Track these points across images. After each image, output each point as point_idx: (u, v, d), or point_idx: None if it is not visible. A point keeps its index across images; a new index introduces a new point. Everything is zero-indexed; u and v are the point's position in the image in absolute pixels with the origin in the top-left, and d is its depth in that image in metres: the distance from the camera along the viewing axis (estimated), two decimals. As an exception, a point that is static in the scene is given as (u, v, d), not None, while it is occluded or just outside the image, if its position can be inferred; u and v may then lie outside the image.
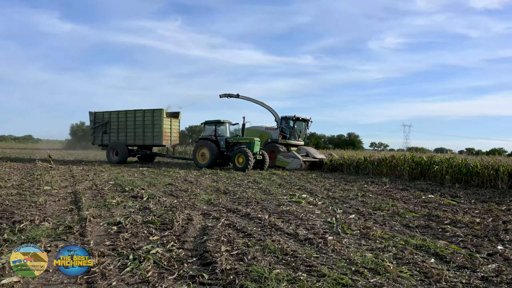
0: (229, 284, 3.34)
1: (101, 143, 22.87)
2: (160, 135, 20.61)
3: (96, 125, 22.70)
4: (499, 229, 5.89)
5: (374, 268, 3.88)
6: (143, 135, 21.13)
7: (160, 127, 20.66)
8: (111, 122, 22.20)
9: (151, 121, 20.95)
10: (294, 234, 5.24)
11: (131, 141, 21.62)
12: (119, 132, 21.86)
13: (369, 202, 8.57)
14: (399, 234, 5.46)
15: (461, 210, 7.86)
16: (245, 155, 16.61)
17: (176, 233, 5.13)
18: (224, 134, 18.90)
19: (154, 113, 20.89)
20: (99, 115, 22.71)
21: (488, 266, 4.07)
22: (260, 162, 17.81)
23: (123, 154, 21.19)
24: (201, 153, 18.59)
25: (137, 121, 21.38)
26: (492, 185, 13.10)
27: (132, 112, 21.54)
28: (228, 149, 18.32)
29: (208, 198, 8.43)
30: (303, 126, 21.16)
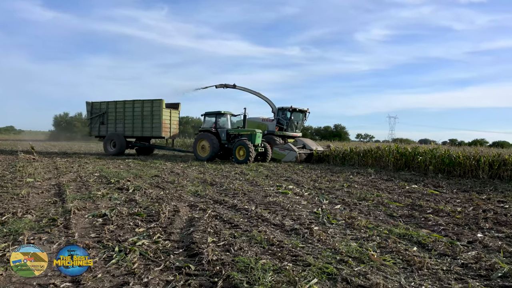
0: (216, 274, 3.36)
1: (98, 134, 22.24)
2: (160, 126, 20.05)
3: (93, 115, 22.00)
4: (479, 218, 6.06)
5: (358, 257, 3.95)
6: (142, 126, 20.58)
7: (159, 118, 20.09)
8: (109, 113, 21.57)
9: (150, 112, 20.34)
10: (280, 225, 5.29)
11: (129, 132, 20.99)
12: (117, 123, 21.29)
13: (354, 192, 8.69)
14: (383, 224, 5.56)
15: (443, 199, 8.05)
16: (245, 147, 16.12)
17: (163, 225, 5.11)
18: (225, 126, 18.36)
19: (154, 103, 20.28)
20: (96, 105, 22.00)
21: (468, 253, 4.19)
22: (262, 155, 17.38)
23: (121, 145, 20.66)
24: (201, 145, 18.10)
25: (135, 112, 20.78)
26: (474, 175, 13.44)
27: (131, 102, 20.94)
28: (229, 141, 17.76)
29: (195, 190, 8.41)
30: (301, 117, 20.63)
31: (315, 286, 3.13)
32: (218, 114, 18.36)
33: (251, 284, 3.15)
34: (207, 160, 17.18)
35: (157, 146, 22.80)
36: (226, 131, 17.91)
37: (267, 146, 17.45)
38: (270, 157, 17.36)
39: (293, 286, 3.08)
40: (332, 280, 3.34)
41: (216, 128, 18.10)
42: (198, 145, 18.19)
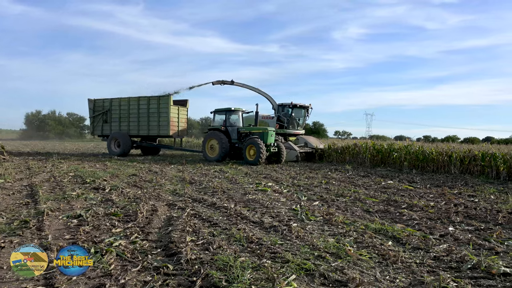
0: (194, 273, 3.34)
1: (101, 133, 20.93)
2: (167, 124, 18.67)
3: (96, 113, 20.59)
4: (450, 212, 6.29)
5: (336, 253, 4.03)
6: (148, 124, 19.23)
7: (166, 116, 18.70)
8: (112, 111, 20.20)
9: (156, 110, 18.96)
10: (259, 222, 5.31)
11: (135, 131, 19.67)
12: (121, 122, 19.96)
13: (332, 189, 8.83)
14: (360, 219, 5.68)
15: (417, 194, 8.30)
16: (256, 146, 14.75)
17: (140, 225, 5.03)
18: (236, 124, 17.01)
19: (160, 100, 18.92)
20: (98, 102, 20.67)
21: (440, 246, 4.34)
22: (276, 155, 15.93)
23: (126, 145, 19.34)
24: (210, 145, 16.88)
25: (141, 109, 19.41)
26: (446, 170, 13.91)
27: (136, 99, 19.58)
28: (240, 141, 16.33)
29: (173, 189, 8.32)
30: (302, 114, 19.45)
31: (293, 283, 3.16)
32: (228, 111, 17.00)
33: (230, 282, 3.16)
34: (216, 161, 16.05)
35: (164, 146, 21.62)
36: (236, 129, 16.63)
37: (281, 146, 15.92)
38: (284, 157, 15.93)
39: (272, 283, 3.11)
40: (310, 276, 3.39)
41: (226, 126, 16.79)
42: (207, 144, 17.02)
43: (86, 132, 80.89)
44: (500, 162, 12.39)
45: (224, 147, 16.09)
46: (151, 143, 20.88)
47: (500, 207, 6.83)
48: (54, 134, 64.24)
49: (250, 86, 20.18)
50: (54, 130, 65.32)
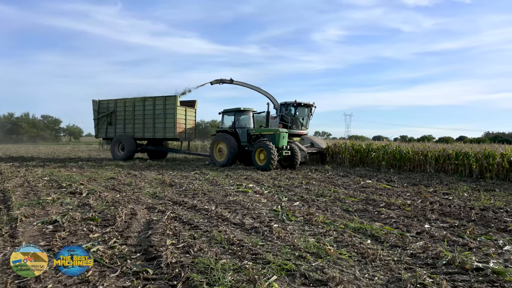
0: (175, 277, 3.31)
1: (105, 136, 19.91)
2: (173, 127, 17.58)
3: (100, 115, 19.62)
4: (426, 210, 6.47)
5: (316, 252, 4.07)
6: (154, 126, 18.20)
7: (173, 118, 17.59)
8: (117, 112, 19.23)
9: (162, 111, 17.90)
10: (240, 224, 5.31)
11: (140, 133, 18.67)
12: (126, 124, 18.96)
13: (312, 189, 8.92)
14: (339, 219, 5.77)
15: (394, 193, 8.49)
16: (266, 150, 13.44)
17: (119, 229, 4.94)
18: (246, 125, 15.65)
19: (166, 100, 17.86)
20: (103, 103, 19.69)
21: (416, 243, 4.46)
22: (289, 159, 14.61)
23: (130, 149, 18.33)
24: (219, 148, 15.58)
25: (146, 111, 18.38)
26: (422, 169, 14.30)
27: (141, 99, 18.56)
28: (250, 143, 15.07)
29: (153, 191, 8.20)
30: (306, 113, 18.27)
31: (275, 283, 3.18)
32: (238, 111, 15.73)
33: (211, 285, 3.14)
34: (224, 166, 14.77)
35: (170, 149, 20.34)
36: (246, 131, 15.34)
37: (295, 149, 14.60)
38: (299, 162, 14.61)
39: (253, 284, 3.11)
40: (291, 276, 3.42)
41: (235, 128, 15.58)
42: (215, 148, 15.74)
43: (62, 135, 78.72)
44: (472, 160, 12.84)
45: (233, 151, 14.81)
46: (157, 146, 19.79)
47: (473, 204, 7.08)
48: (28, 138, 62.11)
49: (249, 85, 19.13)
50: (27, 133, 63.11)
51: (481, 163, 12.62)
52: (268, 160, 13.33)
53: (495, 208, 6.72)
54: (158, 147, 19.74)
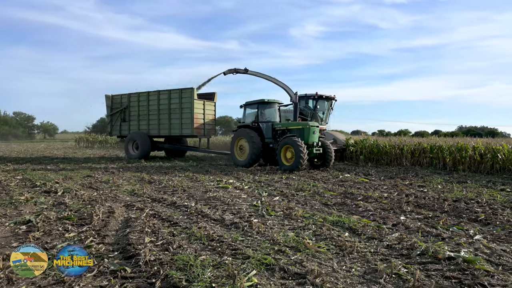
0: (153, 275, 3.28)
1: (119, 133, 18.47)
2: (190, 122, 16.00)
3: (114, 111, 18.22)
4: (402, 202, 6.65)
5: (295, 246, 4.12)
6: (169, 123, 16.63)
7: (190, 112, 15.99)
8: (131, 107, 17.78)
9: (178, 105, 16.32)
10: (220, 220, 5.30)
11: (155, 131, 17.13)
12: (140, 120, 17.53)
13: (292, 184, 9.00)
14: (318, 212, 5.85)
15: (372, 186, 8.68)
16: (294, 147, 11.61)
17: (96, 228, 4.84)
18: (271, 119, 13.87)
19: (182, 93, 16.26)
20: (116, 99, 18.26)
21: (392, 235, 4.58)
22: (320, 157, 12.86)
23: (145, 147, 16.80)
24: (239, 146, 13.83)
25: (161, 105, 16.81)
26: (398, 162, 14.67)
27: (155, 93, 17.02)
28: (275, 140, 13.30)
29: (131, 189, 8.08)
30: (326, 106, 16.78)
31: (254, 278, 3.20)
32: (261, 103, 13.90)
33: (190, 281, 3.13)
34: (245, 166, 13.15)
35: (187, 147, 18.80)
36: (271, 125, 13.58)
37: (327, 146, 12.74)
38: (332, 160, 12.79)
39: (232, 280, 3.12)
40: (270, 270, 3.45)
41: (258, 123, 13.73)
42: (235, 145, 13.98)
43: (36, 132, 76.22)
44: (446, 154, 13.27)
45: (256, 147, 12.94)
46: (174, 144, 18.27)
47: (446, 196, 7.32)
48: (-1, 135, 59.83)
49: (265, 75, 17.31)
50: (-4, 131, 60.79)
51: (454, 156, 13.05)
52: (297, 159, 11.52)
53: (467, 199, 6.98)
54: (175, 145, 18.26)
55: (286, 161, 12.08)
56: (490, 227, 5.05)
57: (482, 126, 59.31)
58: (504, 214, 5.71)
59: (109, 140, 34.05)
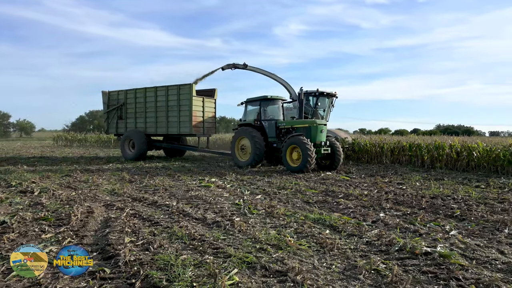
0: (133, 275, 3.23)
1: (116, 131, 17.65)
2: (188, 120, 15.22)
3: (110, 108, 17.39)
4: (382, 199, 6.77)
5: (277, 244, 4.14)
6: (167, 120, 15.87)
7: (188, 110, 15.22)
8: (127, 104, 16.93)
9: (176, 102, 15.51)
10: (202, 219, 5.28)
11: (152, 129, 16.35)
12: (137, 118, 16.74)
13: (274, 182, 9.04)
14: (300, 210, 5.90)
15: (352, 184, 8.81)
16: (301, 147, 10.90)
17: (74, 228, 4.73)
18: (274, 117, 13.19)
19: (181, 90, 15.46)
20: (113, 95, 17.39)
21: (372, 232, 4.66)
22: (328, 158, 12.14)
23: (141, 146, 15.91)
24: (241, 145, 13.10)
25: (159, 102, 16.06)
26: (379, 160, 14.94)
27: (152, 89, 16.23)
28: (279, 139, 12.65)
29: (111, 188, 7.94)
30: (327, 103, 16.19)
31: (235, 276, 3.20)
32: (264, 100, 13.16)
33: (171, 281, 3.11)
34: (248, 166, 12.39)
35: (186, 147, 17.84)
36: (274, 124, 12.86)
37: (335, 145, 11.97)
38: (341, 160, 12.08)
39: (213, 278, 3.11)
40: (251, 268, 3.45)
41: (260, 121, 13.02)
42: (236, 145, 13.23)
43: (11, 131, 73.89)
44: (424, 151, 13.59)
45: (259, 147, 12.23)
46: (172, 143, 17.42)
47: (424, 193, 7.51)
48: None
49: (265, 71, 16.85)
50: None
51: (432, 154, 13.39)
52: (304, 159, 10.82)
53: (444, 196, 7.17)
54: (173, 144, 17.42)
55: (292, 162, 11.38)
56: (465, 223, 5.21)
57: (459, 124, 61.19)
58: (478, 210, 5.90)
59: (88, 139, 33.36)
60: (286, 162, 11.43)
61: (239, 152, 13.20)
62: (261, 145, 12.26)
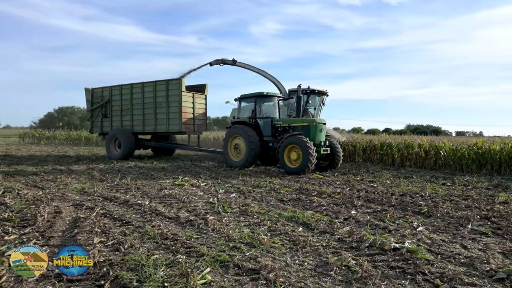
0: (102, 277, 3.15)
1: (101, 131, 16.78)
2: (178, 117, 14.50)
3: (94, 106, 16.58)
4: (353, 197, 6.92)
5: (250, 242, 4.15)
6: (155, 118, 15.09)
7: (178, 106, 14.50)
8: (113, 101, 16.13)
9: (165, 98, 14.76)
10: (175, 218, 5.21)
11: (139, 127, 15.58)
12: (123, 116, 15.95)
13: (249, 180, 9.05)
14: (274, 208, 5.94)
15: (326, 182, 8.96)
16: (302, 147, 10.24)
17: (40, 229, 4.55)
18: (270, 115, 12.57)
19: (169, 85, 14.71)
20: (97, 92, 16.59)
21: (343, 229, 4.76)
22: (327, 158, 11.57)
23: (128, 146, 15.12)
24: (234, 145, 12.39)
25: (146, 99, 15.26)
26: (352, 159, 15.26)
27: (139, 85, 15.41)
28: (275, 138, 12.00)
29: (81, 187, 7.70)
30: (318, 102, 15.69)
31: (208, 276, 3.18)
32: (259, 97, 12.44)
33: (142, 282, 3.05)
34: (241, 167, 11.73)
35: (176, 145, 17.07)
36: (270, 122, 12.18)
37: (335, 145, 11.45)
38: (340, 161, 11.61)
39: (186, 278, 3.08)
40: (224, 267, 3.44)
41: (255, 119, 12.33)
42: (229, 144, 12.53)
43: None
44: (395, 150, 14.01)
45: (253, 147, 11.60)
46: (161, 142, 16.60)
47: (394, 191, 7.74)
48: None
49: (254, 68, 16.39)
50: None
51: (402, 153, 13.82)
52: (305, 160, 10.15)
53: (412, 194, 7.42)
54: (162, 143, 16.60)
55: (291, 162, 10.65)
56: (431, 219, 5.41)
57: (427, 124, 63.38)
58: (444, 207, 6.14)
59: (57, 136, 32.20)
60: (284, 162, 10.72)
61: (232, 152, 12.52)
62: (256, 145, 11.65)
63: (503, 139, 14.68)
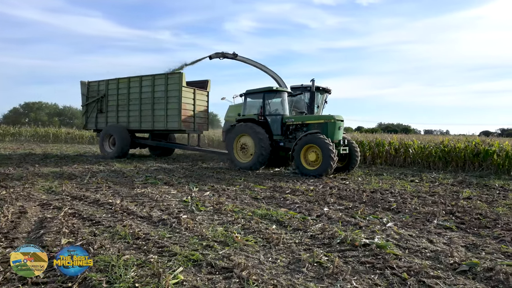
0: (70, 279, 3.05)
1: (95, 127, 15.86)
2: (177, 114, 13.59)
3: (90, 100, 15.66)
4: (326, 194, 7.05)
5: (223, 241, 4.14)
6: (153, 114, 14.16)
7: (177, 102, 13.58)
8: (109, 96, 15.18)
9: (164, 93, 13.80)
10: (147, 217, 5.12)
11: (135, 124, 14.67)
12: (119, 111, 14.99)
13: (223, 178, 9.03)
14: (248, 206, 5.95)
15: (300, 180, 9.06)
16: (322, 147, 9.44)
17: (3, 230, 4.35)
18: (280, 112, 11.44)
19: (169, 80, 13.79)
20: (93, 86, 15.66)
21: (316, 226, 4.83)
22: (344, 158, 10.69)
23: (123, 143, 14.21)
24: (241, 144, 11.33)
25: (143, 94, 14.33)
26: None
27: (137, 79, 14.49)
28: (286, 137, 11.08)
29: (49, 186, 7.42)
30: (320, 99, 14.74)
31: (180, 275, 3.15)
32: (268, 92, 11.35)
33: (112, 283, 2.98)
34: (251, 169, 10.81)
35: (174, 144, 16.05)
36: (281, 119, 11.17)
37: (352, 144, 10.68)
38: (358, 161, 10.88)
39: (157, 278, 3.04)
40: (197, 266, 3.42)
41: (264, 116, 11.32)
42: (235, 144, 11.46)
43: None
44: (366, 148, 14.36)
45: (264, 146, 10.59)
46: (158, 141, 15.52)
47: (365, 188, 7.94)
48: None
49: (255, 62, 15.84)
50: None
51: (373, 150, 14.20)
52: (326, 162, 9.34)
53: (382, 190, 7.65)
54: (159, 142, 15.50)
55: (308, 164, 9.86)
56: (400, 215, 5.60)
57: (398, 123, 65.41)
58: (412, 203, 6.36)
59: (23, 133, 30.83)
60: (300, 164, 9.90)
61: (239, 152, 11.48)
62: (266, 144, 10.66)
63: (468, 138, 15.38)
